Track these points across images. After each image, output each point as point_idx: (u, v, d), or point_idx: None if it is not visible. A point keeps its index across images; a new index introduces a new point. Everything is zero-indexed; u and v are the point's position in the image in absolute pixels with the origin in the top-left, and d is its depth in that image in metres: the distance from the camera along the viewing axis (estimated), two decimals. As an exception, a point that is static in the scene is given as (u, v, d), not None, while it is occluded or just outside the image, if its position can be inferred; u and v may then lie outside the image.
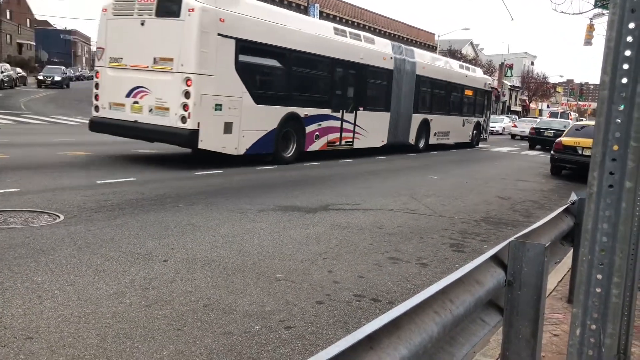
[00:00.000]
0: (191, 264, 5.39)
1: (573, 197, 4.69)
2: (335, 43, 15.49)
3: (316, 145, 15.09)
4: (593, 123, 13.33)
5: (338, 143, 16.04)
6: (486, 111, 27.10)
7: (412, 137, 20.24)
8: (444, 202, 10.21)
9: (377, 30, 45.34)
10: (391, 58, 18.20)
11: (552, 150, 16.29)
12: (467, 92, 24.39)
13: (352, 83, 16.51)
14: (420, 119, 20.49)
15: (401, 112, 19.13)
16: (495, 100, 31.66)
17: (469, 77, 24.51)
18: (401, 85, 18.86)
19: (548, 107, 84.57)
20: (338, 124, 15.88)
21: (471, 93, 24.77)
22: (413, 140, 20.31)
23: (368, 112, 17.19)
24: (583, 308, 2.05)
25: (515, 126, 40.19)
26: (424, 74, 20.32)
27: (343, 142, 16.25)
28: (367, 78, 17.07)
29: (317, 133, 15.03)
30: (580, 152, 15.05)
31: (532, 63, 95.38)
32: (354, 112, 16.52)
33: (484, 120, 27.09)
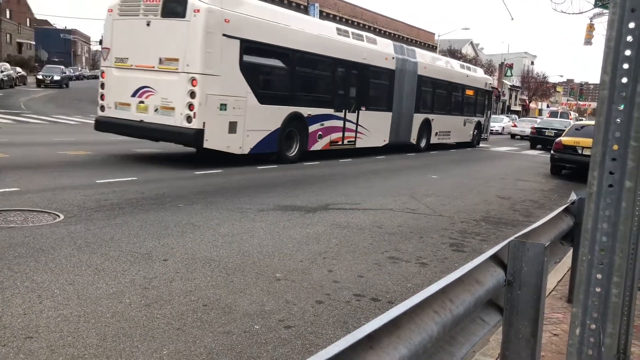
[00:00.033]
0: (191, 264, 5.39)
1: (573, 197, 4.69)
2: (337, 43, 15.54)
3: (319, 144, 15.14)
4: (593, 123, 13.32)
5: (340, 142, 16.08)
6: (487, 111, 27.12)
7: (414, 137, 20.27)
8: (444, 202, 10.21)
9: (377, 29, 45.35)
10: (393, 58, 18.23)
11: (552, 149, 16.29)
12: (468, 92, 24.40)
13: (355, 83, 16.55)
14: (421, 119, 20.51)
15: (403, 112, 19.16)
16: (495, 100, 31.69)
17: (470, 77, 24.52)
18: (403, 85, 18.88)
19: (548, 107, 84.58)
20: (341, 124, 15.93)
21: (472, 93, 24.78)
22: (414, 139, 20.34)
23: (370, 112, 17.22)
24: (583, 307, 2.05)
25: (515, 126, 40.21)
26: (426, 74, 20.34)
27: (345, 142, 16.30)
28: (370, 78, 17.11)
29: (320, 132, 15.08)
30: (580, 152, 15.05)
31: (532, 63, 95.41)
32: (357, 112, 16.58)
33: (485, 119, 27.11)
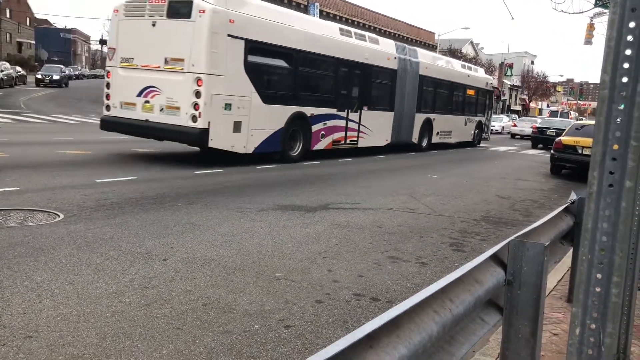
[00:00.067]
0: (191, 263, 5.39)
1: (573, 197, 4.69)
2: (340, 43, 15.63)
3: (322, 144, 15.22)
4: (593, 122, 13.32)
5: (343, 142, 16.17)
6: (488, 110, 27.20)
7: (415, 136, 20.36)
8: (444, 201, 10.21)
9: (378, 29, 45.32)
10: (395, 58, 18.31)
11: (552, 149, 16.29)
12: (469, 92, 24.47)
13: (357, 83, 16.63)
14: (423, 119, 20.59)
15: (405, 112, 19.23)
16: (496, 99, 31.75)
17: (471, 77, 24.59)
18: (405, 85, 18.96)
19: (548, 107, 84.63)
20: (343, 123, 16.01)
21: (473, 92, 24.84)
22: (416, 139, 20.42)
23: (372, 112, 17.30)
24: (583, 307, 2.05)
25: (515, 125, 40.24)
26: (427, 74, 20.42)
27: (348, 141, 16.38)
28: (372, 78, 17.21)
29: (323, 132, 15.16)
30: (580, 152, 15.05)
31: (532, 62, 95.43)
32: (359, 112, 16.66)
33: (486, 119, 27.17)
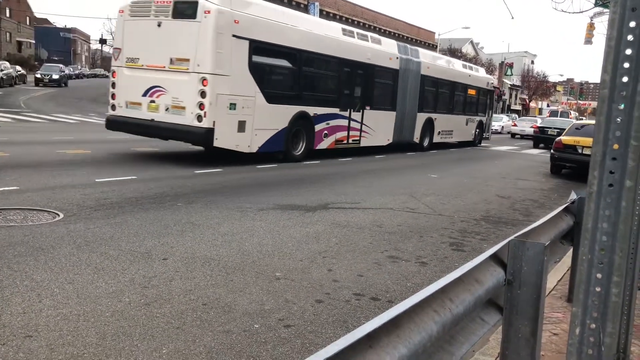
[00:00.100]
0: (190, 263, 5.39)
1: (573, 196, 4.69)
2: (343, 44, 15.72)
3: (324, 143, 15.30)
4: (593, 122, 13.32)
5: (345, 141, 16.25)
6: (488, 110, 27.29)
7: (417, 136, 20.44)
8: (444, 201, 10.21)
9: (378, 28, 45.31)
10: (397, 58, 18.40)
11: (552, 149, 16.29)
12: (470, 92, 24.54)
13: (360, 83, 16.71)
14: (424, 118, 20.67)
15: (406, 111, 19.31)
16: (497, 99, 31.85)
17: (472, 77, 24.68)
18: (406, 84, 19.05)
19: (548, 106, 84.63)
20: (346, 123, 16.09)
21: (474, 92, 24.92)
22: (417, 138, 20.51)
23: (374, 111, 17.38)
24: (583, 307, 2.05)
25: (515, 125, 40.27)
26: (429, 74, 20.50)
27: (350, 141, 16.47)
28: (374, 78, 17.29)
29: (326, 131, 15.24)
30: (580, 151, 15.05)
31: (532, 62, 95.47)
32: (361, 111, 16.74)
33: (487, 119, 27.24)
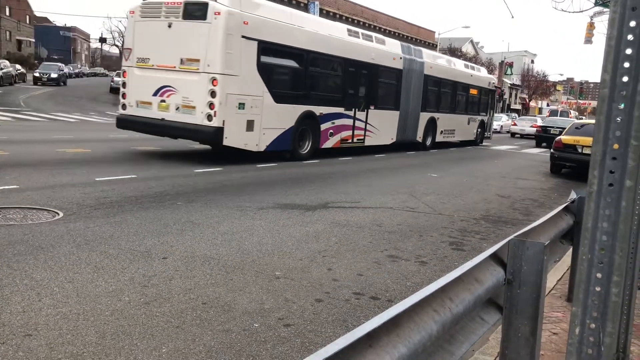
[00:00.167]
0: (190, 262, 5.39)
1: (573, 196, 4.69)
2: (348, 44, 15.87)
3: (330, 142, 15.42)
4: (593, 121, 13.32)
5: (350, 140, 16.38)
6: (490, 110, 27.41)
7: (420, 135, 20.56)
8: (444, 200, 10.21)
9: (378, 27, 45.28)
10: (400, 58, 18.52)
11: (552, 148, 16.29)
12: (472, 91, 24.67)
13: (364, 82, 16.83)
14: (427, 118, 20.78)
15: (410, 111, 19.43)
16: (498, 98, 31.95)
17: (474, 77, 24.83)
18: (410, 84, 19.18)
19: (548, 106, 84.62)
20: (350, 122, 16.22)
21: (476, 92, 25.06)
22: (420, 138, 20.63)
23: (379, 111, 17.50)
24: (582, 307, 2.05)
25: (515, 124, 40.31)
26: (432, 74, 20.64)
27: (355, 140, 16.61)
28: (378, 78, 17.43)
29: (331, 131, 15.37)
30: (580, 151, 15.05)
31: (532, 61, 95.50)
32: (366, 111, 16.88)
33: (488, 118, 27.35)
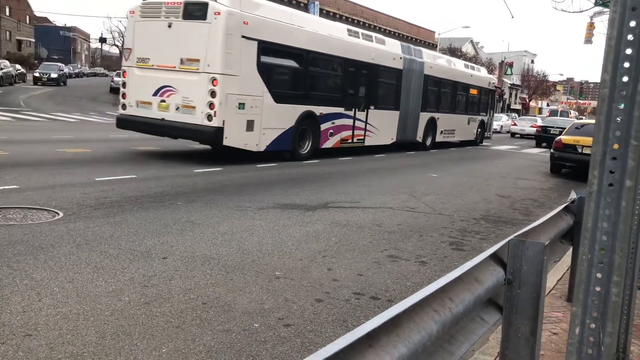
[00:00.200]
0: (190, 262, 5.39)
1: (573, 196, 4.69)
2: (348, 44, 15.87)
3: (330, 142, 15.42)
4: (593, 121, 13.31)
5: (350, 140, 16.38)
6: (490, 110, 27.41)
7: (420, 135, 20.56)
8: (444, 200, 10.20)
9: (377, 27, 45.28)
10: (401, 58, 18.53)
11: (552, 148, 16.29)
12: (472, 91, 24.68)
13: (364, 83, 16.84)
14: (427, 118, 20.78)
15: (410, 111, 19.44)
16: (498, 98, 31.96)
17: (474, 77, 24.84)
18: (410, 84, 19.18)
19: (548, 106, 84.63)
20: (350, 122, 16.23)
21: (476, 92, 25.06)
22: (420, 138, 20.64)
23: (379, 111, 17.51)
24: (582, 307, 2.05)
25: (515, 124, 40.34)
26: (432, 74, 20.65)
27: (355, 140, 16.61)
28: (378, 78, 17.44)
29: (332, 131, 15.38)
30: (580, 151, 15.05)
31: (532, 61, 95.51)
32: (366, 111, 16.89)
33: (488, 118, 27.36)
